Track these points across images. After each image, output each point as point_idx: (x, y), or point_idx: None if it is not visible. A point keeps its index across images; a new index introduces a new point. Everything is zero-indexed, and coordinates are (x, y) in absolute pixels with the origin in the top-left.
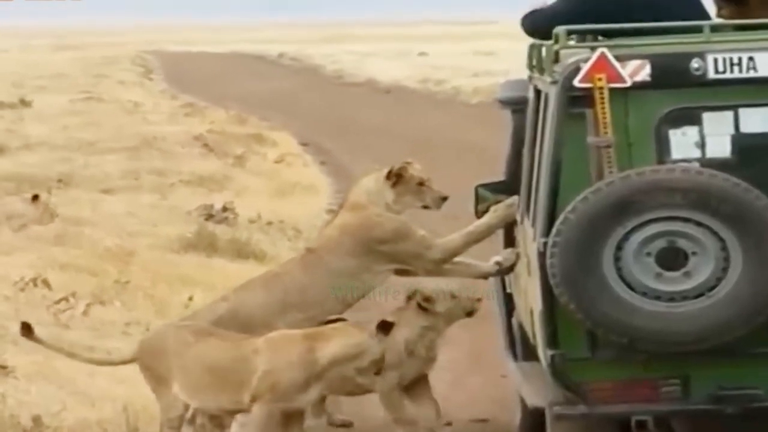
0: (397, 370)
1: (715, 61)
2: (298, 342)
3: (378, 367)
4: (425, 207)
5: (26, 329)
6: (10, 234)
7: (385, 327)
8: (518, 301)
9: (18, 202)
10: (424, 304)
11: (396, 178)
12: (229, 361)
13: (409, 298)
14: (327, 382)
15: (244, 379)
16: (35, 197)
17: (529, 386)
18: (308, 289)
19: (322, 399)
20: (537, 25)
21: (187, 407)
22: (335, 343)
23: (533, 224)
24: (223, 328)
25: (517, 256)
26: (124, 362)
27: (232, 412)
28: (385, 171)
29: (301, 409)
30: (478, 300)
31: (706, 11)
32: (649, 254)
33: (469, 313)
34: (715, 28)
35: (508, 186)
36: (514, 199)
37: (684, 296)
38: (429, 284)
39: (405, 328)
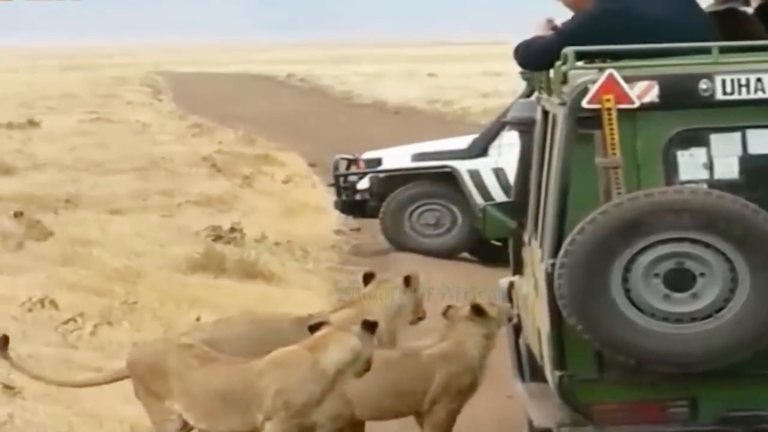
0: (472, 391)
1: (723, 82)
2: (303, 356)
3: (368, 367)
4: None
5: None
6: (17, 254)
7: (370, 326)
8: (526, 321)
9: (5, 221)
10: (483, 307)
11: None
12: (236, 385)
13: (445, 313)
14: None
15: (253, 401)
16: (18, 214)
17: (537, 407)
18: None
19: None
20: (532, 58)
21: (183, 422)
22: (334, 350)
23: (541, 245)
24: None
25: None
26: (115, 379)
27: None
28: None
29: (313, 426)
30: (517, 314)
31: (714, 31)
32: (657, 275)
33: (510, 319)
34: (723, 49)
35: (517, 206)
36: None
37: (692, 317)
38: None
39: (469, 341)
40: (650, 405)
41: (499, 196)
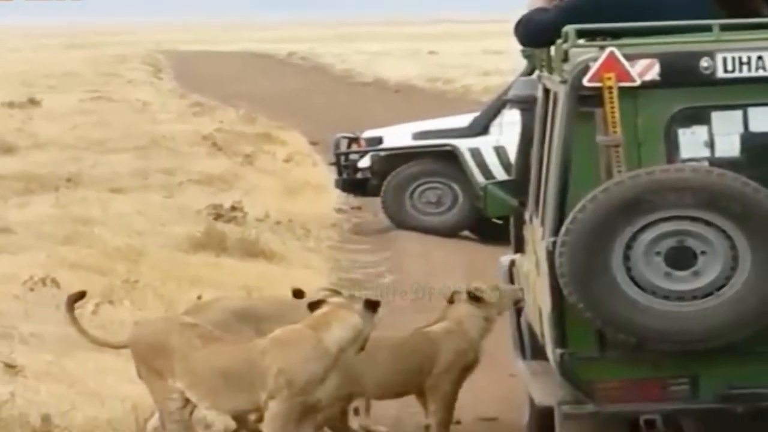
0: (472, 369)
1: (724, 60)
2: (306, 335)
3: (365, 344)
4: None
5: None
6: (21, 233)
7: (372, 305)
8: (527, 300)
9: None
10: (477, 294)
11: None
12: (239, 364)
13: (450, 299)
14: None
15: (257, 379)
16: None
17: (538, 385)
18: None
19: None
20: (532, 35)
21: (186, 400)
22: (337, 328)
23: (542, 223)
24: None
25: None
26: (117, 346)
27: (248, 412)
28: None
29: (317, 403)
30: (521, 289)
31: (716, 10)
32: (658, 253)
33: (516, 302)
34: (724, 27)
35: (518, 184)
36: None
37: (693, 295)
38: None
39: (470, 322)
40: (651, 383)
41: (500, 174)
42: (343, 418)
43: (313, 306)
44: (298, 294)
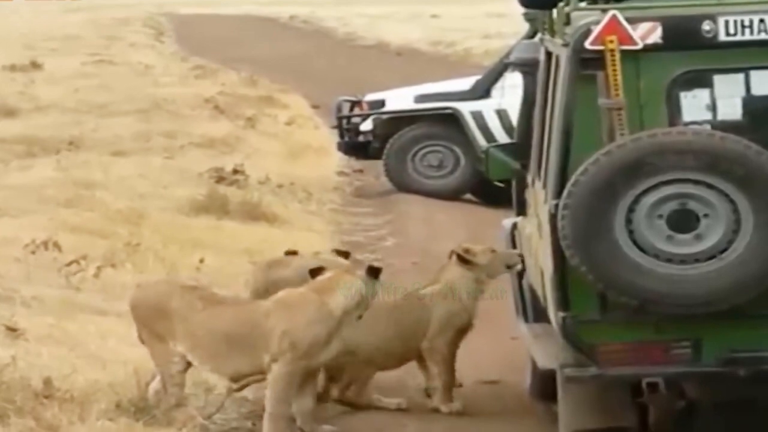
0: (468, 330)
1: (726, 23)
2: (310, 298)
3: (366, 310)
4: None
5: None
6: (22, 196)
7: (374, 271)
8: (529, 262)
9: None
10: (466, 256)
11: None
12: (242, 327)
13: (451, 256)
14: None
15: (260, 342)
16: None
17: (540, 348)
18: None
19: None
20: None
21: (187, 363)
22: (341, 294)
23: (544, 186)
24: None
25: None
26: None
27: (250, 375)
28: None
29: (318, 367)
30: (520, 255)
31: None
32: (660, 216)
33: (510, 267)
34: None
35: (520, 147)
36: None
37: (695, 258)
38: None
39: (460, 283)
40: (653, 346)
41: (502, 137)
42: (361, 392)
43: (315, 272)
44: (291, 255)
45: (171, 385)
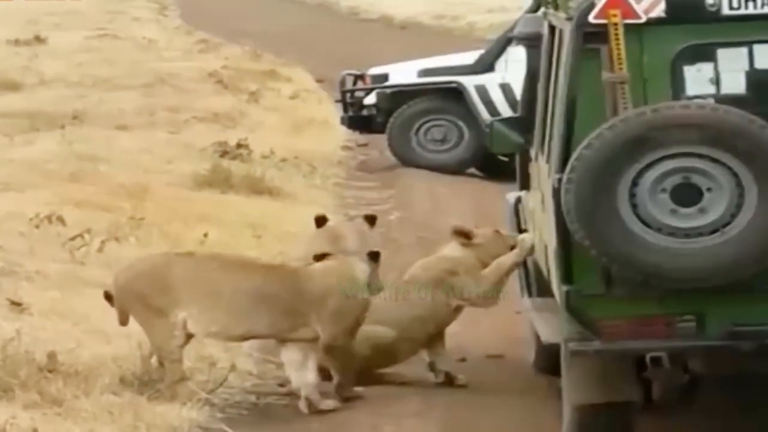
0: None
1: None
2: (348, 269)
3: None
4: None
5: None
6: (26, 171)
7: (374, 255)
8: (532, 236)
9: None
10: (462, 240)
11: None
12: (280, 287)
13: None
14: None
15: (304, 306)
16: None
17: (544, 323)
18: None
19: None
20: None
21: (186, 335)
22: (359, 271)
23: (548, 160)
24: None
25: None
26: None
27: (263, 337)
28: None
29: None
30: (524, 239)
31: None
32: (664, 190)
33: (512, 247)
34: None
35: (523, 121)
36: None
37: (699, 232)
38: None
39: (457, 260)
40: (657, 320)
41: (506, 111)
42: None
43: (319, 258)
44: (321, 221)
45: (170, 362)
